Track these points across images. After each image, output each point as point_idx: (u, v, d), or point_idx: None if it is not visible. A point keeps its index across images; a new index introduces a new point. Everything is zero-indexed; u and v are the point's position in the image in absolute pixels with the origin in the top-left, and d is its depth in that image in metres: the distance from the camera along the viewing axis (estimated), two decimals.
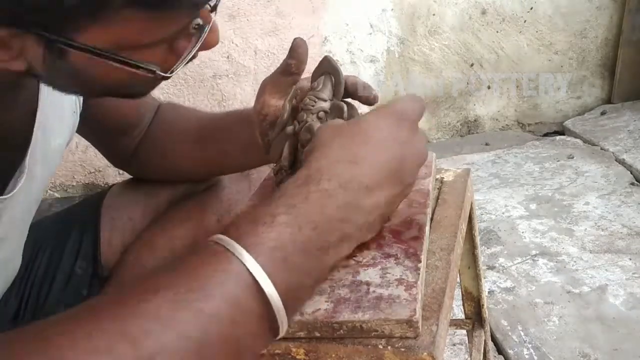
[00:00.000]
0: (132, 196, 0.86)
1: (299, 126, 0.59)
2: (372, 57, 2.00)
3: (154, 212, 0.84)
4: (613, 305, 1.11)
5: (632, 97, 2.17)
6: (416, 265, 0.47)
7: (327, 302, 0.44)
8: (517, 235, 1.41)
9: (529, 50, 2.11)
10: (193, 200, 0.84)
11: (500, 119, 2.21)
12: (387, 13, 1.96)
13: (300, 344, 0.43)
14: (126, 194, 0.86)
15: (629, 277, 1.19)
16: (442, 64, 2.07)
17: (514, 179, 1.73)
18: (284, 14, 1.83)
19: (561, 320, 1.09)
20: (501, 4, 2.03)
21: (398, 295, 0.43)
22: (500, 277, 1.25)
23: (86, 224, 0.83)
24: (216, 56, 1.82)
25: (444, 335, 0.43)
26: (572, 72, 2.18)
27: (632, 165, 1.68)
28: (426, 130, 2.16)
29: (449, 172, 0.70)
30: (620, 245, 1.31)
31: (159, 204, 0.85)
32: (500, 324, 1.10)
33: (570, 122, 2.12)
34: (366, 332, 0.41)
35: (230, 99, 1.89)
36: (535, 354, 1.02)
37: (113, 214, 0.84)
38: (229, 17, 1.78)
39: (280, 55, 1.87)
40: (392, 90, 2.06)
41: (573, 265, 1.26)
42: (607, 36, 2.14)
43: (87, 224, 0.83)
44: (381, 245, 0.51)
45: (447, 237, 0.55)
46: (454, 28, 2.03)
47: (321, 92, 0.59)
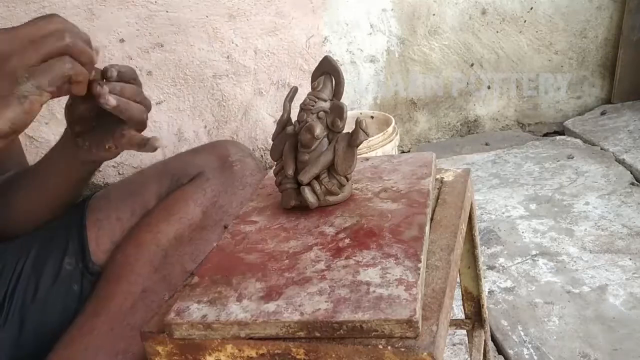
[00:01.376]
0: (118, 197, 0.87)
1: (299, 126, 0.59)
2: (372, 57, 2.00)
3: (142, 210, 0.85)
4: (613, 305, 1.11)
5: (632, 97, 2.17)
6: (416, 265, 0.47)
7: (327, 302, 0.44)
8: (517, 235, 1.41)
9: (529, 50, 2.11)
10: (177, 194, 0.84)
11: (500, 119, 2.21)
12: (387, 13, 1.96)
13: (300, 344, 0.43)
14: (112, 195, 0.87)
15: (629, 277, 1.19)
16: (442, 64, 2.07)
17: (514, 179, 1.73)
18: (284, 14, 1.83)
19: (561, 320, 1.09)
20: (501, 4, 2.03)
21: (398, 295, 0.43)
22: (500, 277, 1.25)
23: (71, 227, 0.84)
24: (216, 56, 1.83)
25: (444, 335, 0.43)
26: (572, 72, 2.18)
27: (632, 165, 1.68)
28: (426, 130, 2.16)
29: (449, 172, 0.70)
30: (620, 245, 1.31)
31: (146, 201, 0.85)
32: (500, 324, 1.10)
33: (570, 122, 2.12)
34: (366, 332, 0.41)
35: (230, 99, 1.89)
36: (535, 354, 1.02)
37: (99, 215, 0.85)
38: (229, 17, 1.78)
39: (281, 55, 1.87)
40: (392, 90, 2.06)
41: (573, 265, 1.26)
42: (607, 36, 2.14)
43: (71, 226, 0.84)
44: (381, 245, 0.51)
45: (447, 237, 0.55)
46: (454, 28, 2.03)
47: (321, 92, 0.59)
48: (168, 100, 1.84)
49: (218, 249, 0.56)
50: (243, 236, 0.57)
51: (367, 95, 2.04)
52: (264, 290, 0.47)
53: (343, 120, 0.58)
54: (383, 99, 2.07)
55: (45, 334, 0.77)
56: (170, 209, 0.82)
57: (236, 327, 0.44)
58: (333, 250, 0.51)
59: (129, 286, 0.77)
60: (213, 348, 0.45)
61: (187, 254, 0.81)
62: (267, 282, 0.48)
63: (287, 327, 0.43)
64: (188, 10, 1.74)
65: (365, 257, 0.49)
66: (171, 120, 1.87)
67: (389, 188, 0.62)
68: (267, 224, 0.59)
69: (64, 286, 0.81)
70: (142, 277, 0.77)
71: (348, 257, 0.50)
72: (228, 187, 0.85)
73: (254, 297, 0.46)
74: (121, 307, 0.75)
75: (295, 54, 1.88)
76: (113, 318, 0.74)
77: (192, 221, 0.82)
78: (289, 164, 0.59)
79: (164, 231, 0.80)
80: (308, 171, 0.58)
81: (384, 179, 0.65)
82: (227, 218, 0.84)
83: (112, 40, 1.72)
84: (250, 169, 0.88)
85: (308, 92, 0.60)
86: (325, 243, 0.53)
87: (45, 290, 0.80)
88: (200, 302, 0.47)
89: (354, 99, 2.03)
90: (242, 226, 0.60)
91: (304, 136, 0.57)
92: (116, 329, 0.74)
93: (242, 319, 0.44)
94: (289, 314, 0.43)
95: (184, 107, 1.86)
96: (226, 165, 0.86)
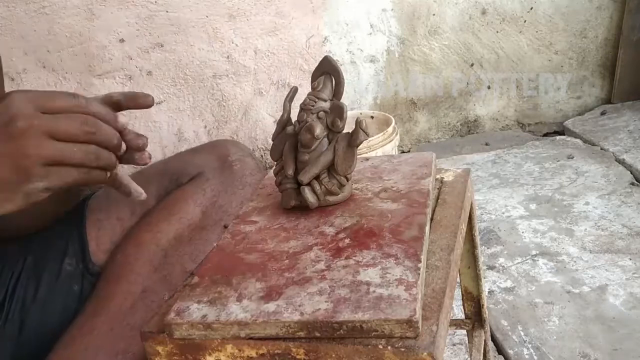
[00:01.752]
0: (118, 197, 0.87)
1: (299, 126, 0.59)
2: (372, 57, 2.00)
3: (142, 209, 0.85)
4: (613, 305, 1.11)
5: (632, 97, 2.17)
6: (416, 265, 0.47)
7: (327, 302, 0.44)
8: (517, 235, 1.41)
9: (529, 50, 2.11)
10: (177, 193, 0.84)
11: (500, 119, 2.21)
12: (387, 13, 1.96)
13: (300, 344, 0.43)
14: (111, 195, 0.87)
15: (629, 277, 1.19)
16: (442, 64, 2.07)
17: (514, 179, 1.73)
18: (284, 14, 1.83)
19: (561, 320, 1.09)
20: (501, 4, 2.03)
21: (398, 295, 0.43)
22: (500, 277, 1.25)
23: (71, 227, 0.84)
24: (216, 56, 1.83)
25: (444, 335, 0.43)
26: (572, 72, 2.18)
27: (632, 165, 1.68)
28: (426, 130, 2.16)
29: (449, 172, 0.70)
30: (620, 245, 1.31)
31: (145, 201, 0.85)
32: (500, 324, 1.10)
33: (570, 122, 2.12)
34: (366, 332, 0.41)
35: (230, 99, 1.89)
36: (535, 354, 1.02)
37: (99, 216, 0.85)
38: (229, 17, 1.78)
39: (281, 55, 1.87)
40: (392, 90, 2.06)
41: (573, 265, 1.26)
42: (607, 36, 2.14)
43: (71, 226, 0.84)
44: (381, 245, 0.51)
45: (447, 237, 0.55)
46: (454, 28, 2.03)
47: (321, 92, 0.59)
48: (168, 100, 1.84)
49: (218, 249, 0.56)
50: (243, 236, 0.57)
51: (367, 95, 2.04)
52: (264, 290, 0.47)
53: (343, 120, 0.58)
54: (383, 99, 2.07)
55: (45, 334, 0.77)
56: (170, 209, 0.82)
57: (236, 327, 0.44)
58: (333, 250, 0.51)
59: (129, 286, 0.77)
60: (213, 348, 0.45)
61: (187, 254, 0.81)
62: (267, 282, 0.48)
63: (287, 327, 0.43)
64: (188, 10, 1.74)
65: (365, 257, 0.49)
66: (171, 120, 1.87)
67: (389, 188, 0.62)
68: (267, 224, 0.59)
69: (64, 286, 0.81)
70: (142, 276, 0.77)
71: (348, 257, 0.50)
72: (228, 186, 0.85)
73: (254, 297, 0.46)
74: (121, 307, 0.75)
75: (295, 54, 1.88)
76: (113, 318, 0.74)
77: (191, 221, 0.82)
78: (289, 164, 0.59)
79: (164, 231, 0.80)
80: (308, 171, 0.58)
81: (384, 179, 0.65)
82: (227, 218, 0.84)
83: (112, 40, 1.72)
84: (250, 168, 0.88)
85: (308, 92, 0.60)
86: (325, 243, 0.53)
87: (45, 290, 0.80)
88: (200, 302, 0.47)
89: (354, 99, 2.03)
90: (242, 226, 0.60)
91: (304, 136, 0.57)
92: (116, 329, 0.74)
93: (242, 319, 0.44)
94: (289, 314, 0.43)
95: (184, 107, 1.86)
96: (226, 165, 0.86)
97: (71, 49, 1.70)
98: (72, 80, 1.73)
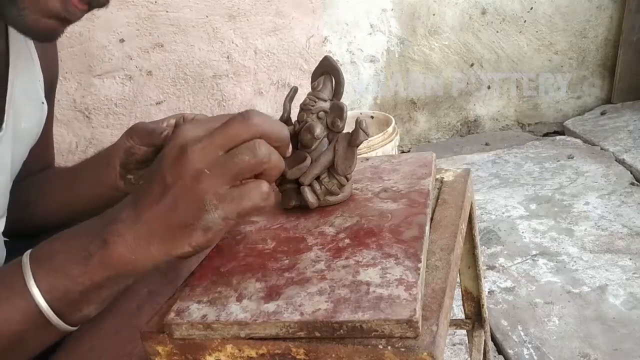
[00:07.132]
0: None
1: (299, 126, 0.59)
2: (372, 57, 2.00)
3: None
4: (613, 305, 1.11)
5: (632, 97, 2.17)
6: (416, 265, 0.47)
7: (327, 302, 0.44)
8: (517, 235, 1.41)
9: (529, 50, 2.11)
10: None
11: (500, 119, 2.21)
12: (387, 13, 1.96)
13: (300, 344, 0.43)
14: None
15: (629, 277, 1.19)
16: (442, 64, 2.07)
17: (514, 179, 1.73)
18: (284, 14, 1.83)
19: (561, 320, 1.09)
20: (501, 4, 2.03)
21: (398, 295, 0.43)
22: (500, 277, 1.25)
23: None
24: (216, 56, 1.83)
25: (444, 335, 0.43)
26: (572, 72, 2.18)
27: (632, 165, 1.68)
28: (426, 130, 2.16)
29: (449, 172, 0.70)
30: (620, 245, 1.31)
31: None
32: (500, 324, 1.10)
33: (570, 122, 2.12)
34: (366, 332, 0.41)
35: (230, 99, 1.89)
36: (535, 354, 1.02)
37: None
38: (229, 17, 1.78)
39: (281, 55, 1.87)
40: (392, 90, 2.06)
41: (573, 265, 1.26)
42: (607, 36, 2.14)
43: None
44: (381, 245, 0.51)
45: (447, 237, 0.55)
46: (454, 28, 2.03)
47: (321, 92, 0.59)
48: (168, 100, 1.84)
49: (218, 249, 0.56)
50: (243, 236, 0.57)
51: (367, 95, 2.04)
52: (264, 290, 0.47)
53: (343, 120, 0.58)
54: (383, 99, 2.07)
55: None
56: None
57: (236, 327, 0.44)
58: (333, 250, 0.51)
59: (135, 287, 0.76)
60: (213, 348, 0.45)
61: None
62: (267, 282, 0.48)
63: (287, 327, 0.43)
64: (188, 10, 1.74)
65: (365, 257, 0.49)
66: None
67: (389, 188, 0.62)
68: (267, 224, 0.59)
69: None
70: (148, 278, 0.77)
71: (348, 257, 0.50)
72: None
73: (254, 297, 0.46)
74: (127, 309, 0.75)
75: (295, 54, 1.88)
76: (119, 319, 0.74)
77: None
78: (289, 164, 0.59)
79: None
80: (309, 172, 0.57)
81: (384, 179, 0.65)
82: None
83: (112, 40, 1.72)
84: None
85: (308, 92, 0.60)
86: (325, 243, 0.53)
87: None
88: (200, 302, 0.47)
89: (354, 99, 2.03)
90: (242, 226, 0.60)
91: (304, 136, 0.57)
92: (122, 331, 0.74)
93: (242, 319, 0.43)
94: (289, 314, 0.43)
95: (184, 107, 1.86)
96: None
97: (71, 49, 1.70)
98: (72, 80, 1.73)
